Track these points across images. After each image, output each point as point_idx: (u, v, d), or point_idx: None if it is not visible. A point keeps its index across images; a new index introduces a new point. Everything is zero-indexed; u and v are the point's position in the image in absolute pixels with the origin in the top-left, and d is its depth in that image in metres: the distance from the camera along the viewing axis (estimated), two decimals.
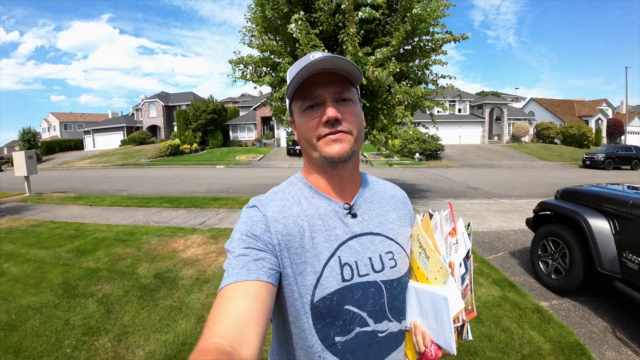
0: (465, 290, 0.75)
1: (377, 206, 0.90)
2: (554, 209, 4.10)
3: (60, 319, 3.43)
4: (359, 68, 0.77)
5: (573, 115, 42.66)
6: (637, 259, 3.03)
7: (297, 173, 0.92)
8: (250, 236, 0.75)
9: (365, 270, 0.80)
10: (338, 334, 0.77)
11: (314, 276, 0.76)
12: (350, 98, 0.79)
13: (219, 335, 0.56)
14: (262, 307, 0.64)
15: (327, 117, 0.74)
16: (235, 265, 0.70)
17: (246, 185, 13.56)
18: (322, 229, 0.80)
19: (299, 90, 0.78)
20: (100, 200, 10.26)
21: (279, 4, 6.32)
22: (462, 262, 0.76)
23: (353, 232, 0.82)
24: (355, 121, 0.79)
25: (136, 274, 4.39)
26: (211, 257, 4.93)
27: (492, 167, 22.91)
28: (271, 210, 0.79)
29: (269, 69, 7.68)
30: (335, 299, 0.76)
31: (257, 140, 36.95)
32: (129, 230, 6.55)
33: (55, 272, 4.62)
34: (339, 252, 0.79)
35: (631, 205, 3.23)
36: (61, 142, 43.11)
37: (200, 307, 3.53)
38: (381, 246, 0.84)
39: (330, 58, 0.73)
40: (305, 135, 0.80)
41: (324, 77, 0.76)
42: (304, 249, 0.77)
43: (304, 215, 0.80)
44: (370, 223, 0.85)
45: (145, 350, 2.87)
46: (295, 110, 0.82)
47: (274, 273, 0.72)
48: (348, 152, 0.78)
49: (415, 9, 5.91)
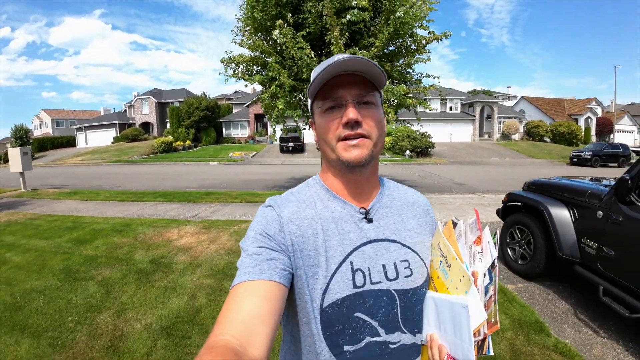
0: (489, 302, 0.72)
1: (395, 212, 0.88)
2: (519, 200, 4.46)
3: (62, 299, 3.72)
4: (383, 72, 0.76)
5: (563, 114, 43.33)
6: (594, 244, 3.34)
7: (315, 175, 0.91)
8: (264, 235, 0.75)
9: (377, 277, 0.78)
10: (347, 343, 0.75)
11: (325, 280, 0.75)
12: (372, 102, 0.79)
13: (228, 333, 0.57)
14: (272, 307, 0.64)
15: (348, 119, 0.74)
16: (248, 264, 0.70)
17: (239, 181, 13.84)
18: (335, 232, 0.79)
19: (321, 90, 0.78)
20: (95, 195, 10.48)
21: (268, 6, 6.63)
22: (486, 272, 0.72)
23: (368, 238, 0.81)
24: (376, 125, 0.78)
25: (133, 260, 4.69)
26: (203, 245, 5.25)
27: (481, 164, 23.40)
28: (286, 211, 0.80)
29: (259, 68, 8.00)
30: (345, 305, 0.75)
31: (250, 137, 37.14)
32: (124, 222, 6.84)
33: (56, 259, 4.90)
34: (351, 257, 0.78)
35: (588, 195, 3.56)
36: (53, 139, 42.93)
37: (192, 287, 3.85)
38: (396, 254, 0.82)
39: (355, 59, 0.72)
40: (324, 136, 0.79)
41: (347, 78, 0.76)
42: (317, 252, 0.76)
43: (319, 217, 0.80)
44: (386, 229, 0.84)
45: (143, 324, 3.19)
46: (316, 111, 0.82)
47: (286, 274, 0.72)
48: (366, 157, 0.77)
49: (399, 12, 6.25)
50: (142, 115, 43.97)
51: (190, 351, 2.78)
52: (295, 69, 6.94)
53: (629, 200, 3.00)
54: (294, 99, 7.65)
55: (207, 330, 3.04)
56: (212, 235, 5.70)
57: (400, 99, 7.19)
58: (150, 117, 43.63)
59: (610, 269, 3.13)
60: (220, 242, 5.37)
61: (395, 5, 6.33)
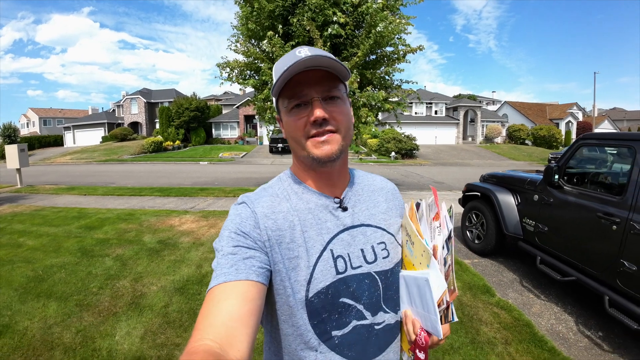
0: (448, 271, 0.76)
1: (367, 198, 0.90)
2: (475, 189, 5.25)
3: (83, 271, 4.33)
4: (345, 66, 0.76)
5: (544, 118, 44.77)
6: (532, 222, 4.11)
7: (287, 170, 0.92)
8: (239, 234, 0.74)
9: (357, 262, 0.80)
10: (334, 328, 0.77)
11: (307, 270, 0.75)
12: (338, 96, 0.78)
13: (208, 337, 0.57)
14: (251, 307, 0.64)
15: (315, 118, 0.74)
16: (224, 265, 0.69)
17: (230, 179, 14.42)
18: (312, 222, 0.80)
19: (285, 88, 0.77)
20: (93, 191, 10.97)
21: (261, 18, 7.36)
22: (444, 244, 0.76)
23: (344, 225, 0.82)
24: (343, 119, 0.79)
25: (142, 241, 5.34)
26: (204, 229, 5.93)
27: (463, 166, 24.36)
28: (260, 207, 0.79)
29: (252, 73, 8.69)
30: (330, 293, 0.76)
31: (240, 138, 37.58)
32: (128, 212, 7.45)
33: (70, 242, 5.49)
34: (331, 245, 0.79)
35: (528, 182, 4.36)
36: (41, 138, 42.62)
37: (198, 260, 4.54)
38: (373, 237, 0.84)
39: (316, 57, 0.72)
40: (293, 135, 0.79)
41: (310, 74, 0.74)
42: (295, 244, 0.77)
43: (294, 210, 0.80)
44: (361, 215, 0.86)
45: (158, 286, 3.86)
46: (282, 109, 0.81)
47: (263, 272, 0.71)
48: (336, 152, 0.77)
49: (379, 27, 7.04)
50: (131, 115, 44.01)
51: (200, 303, 3.45)
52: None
53: (557, 185, 3.78)
54: None
55: None
56: (210, 222, 6.38)
57: (380, 104, 7.98)
58: (140, 117, 43.70)
59: (545, 242, 3.87)
60: (219, 227, 6.04)
61: (376, 21, 7.11)
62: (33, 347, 2.84)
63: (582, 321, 3.32)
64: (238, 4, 8.00)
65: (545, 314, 3.46)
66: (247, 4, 7.65)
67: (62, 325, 3.16)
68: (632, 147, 3.00)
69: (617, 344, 2.96)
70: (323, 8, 7.03)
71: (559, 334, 3.11)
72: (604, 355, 2.81)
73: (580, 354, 2.83)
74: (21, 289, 3.88)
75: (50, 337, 2.98)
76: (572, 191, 3.59)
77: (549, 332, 3.13)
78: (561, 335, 3.11)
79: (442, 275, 0.74)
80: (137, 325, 3.13)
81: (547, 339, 2.98)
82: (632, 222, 2.75)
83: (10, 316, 3.32)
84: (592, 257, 3.19)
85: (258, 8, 7.25)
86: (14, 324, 3.20)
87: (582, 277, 3.26)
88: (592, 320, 3.32)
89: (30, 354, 2.76)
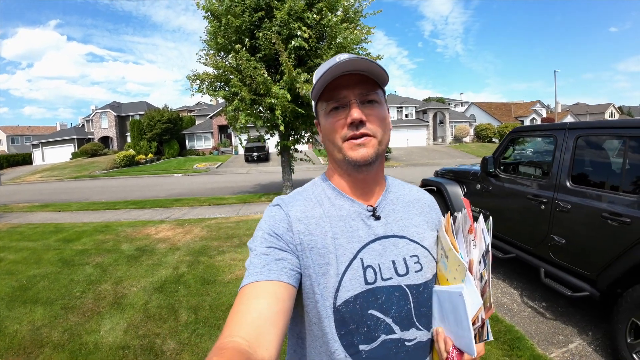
0: (484, 287, 0.73)
1: (402, 209, 0.88)
2: (429, 183, 5.75)
3: (65, 279, 4.56)
4: (384, 69, 0.76)
5: (510, 117, 46.71)
6: (477, 209, 4.59)
7: (322, 174, 0.91)
8: (272, 235, 0.75)
9: (388, 273, 0.78)
10: (362, 342, 0.74)
11: (336, 278, 0.75)
12: (375, 100, 0.79)
13: (237, 335, 0.58)
14: (281, 307, 0.65)
15: (352, 119, 0.74)
16: (256, 264, 0.71)
17: (205, 189, 14.58)
18: (344, 230, 0.79)
19: (324, 92, 0.78)
20: (67, 207, 10.95)
21: (229, 33, 7.73)
22: (481, 259, 0.74)
23: (376, 235, 0.80)
24: (380, 124, 0.79)
25: (120, 250, 5.58)
26: (179, 236, 6.21)
27: (433, 165, 25.19)
28: (294, 210, 0.80)
29: (222, 84, 9.04)
30: (358, 303, 0.74)
31: (215, 149, 37.51)
32: (104, 225, 7.61)
33: (50, 254, 5.66)
34: (361, 254, 0.77)
35: (471, 174, 4.89)
36: (9, 157, 41.27)
37: (175, 262, 4.84)
38: (405, 249, 0.82)
39: (355, 60, 0.73)
40: (330, 137, 0.80)
41: (349, 78, 0.76)
42: (326, 250, 0.76)
43: (326, 216, 0.80)
44: (394, 226, 0.84)
45: (138, 287, 4.14)
46: (321, 112, 0.82)
47: (294, 274, 0.72)
48: (372, 156, 0.77)
49: (339, 39, 7.55)
50: (101, 130, 43.18)
51: (178, 299, 3.77)
52: (254, 85, 8.03)
53: (494, 174, 4.30)
54: (254, 110, 8.72)
55: (190, 288, 4.02)
56: (186, 229, 6.65)
57: None
58: (110, 131, 42.94)
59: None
60: (194, 233, 6.34)
61: (336, 33, 7.62)
62: (24, 347, 3.06)
63: (527, 294, 3.74)
64: (207, 19, 8.35)
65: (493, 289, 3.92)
66: (215, 20, 8.03)
67: (49, 326, 3.40)
68: (553, 136, 3.50)
69: (560, 313, 3.34)
70: (288, 22, 7.49)
71: (503, 305, 3.53)
72: (546, 322, 3.19)
73: (523, 322, 3.22)
74: (7, 298, 4.08)
75: (40, 337, 3.21)
76: (506, 178, 4.12)
77: (494, 304, 3.56)
78: (506, 306, 3.53)
79: (477, 290, 0.71)
80: (120, 321, 3.41)
81: None
82: (557, 200, 3.21)
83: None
84: (527, 234, 3.65)
85: (225, 23, 7.63)
86: (3, 328, 3.41)
87: (520, 253, 3.72)
88: (537, 294, 3.73)
89: (21, 352, 2.97)
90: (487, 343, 3.02)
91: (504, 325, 3.10)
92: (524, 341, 2.82)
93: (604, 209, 2.72)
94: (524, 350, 2.69)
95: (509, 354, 2.68)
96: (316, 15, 7.66)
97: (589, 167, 3.18)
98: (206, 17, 8.48)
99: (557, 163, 3.33)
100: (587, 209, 2.89)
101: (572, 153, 3.20)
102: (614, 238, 2.62)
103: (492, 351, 2.72)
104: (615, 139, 2.97)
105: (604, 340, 2.86)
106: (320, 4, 7.83)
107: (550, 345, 2.84)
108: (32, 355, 2.94)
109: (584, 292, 2.83)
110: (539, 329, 3.09)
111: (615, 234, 2.61)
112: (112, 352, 2.93)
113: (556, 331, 3.05)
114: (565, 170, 3.22)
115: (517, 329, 3.03)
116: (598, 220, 2.75)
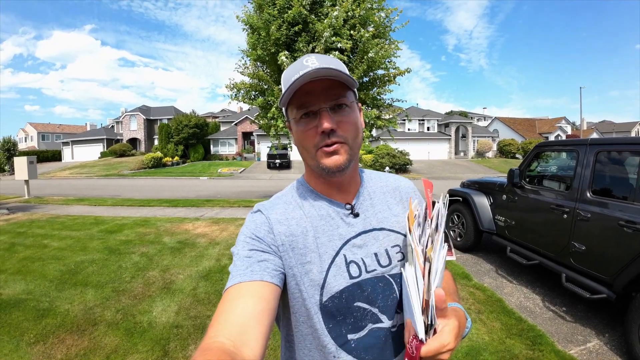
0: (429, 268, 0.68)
1: (379, 202, 0.90)
2: (456, 194, 5.99)
3: (113, 265, 4.91)
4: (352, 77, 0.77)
5: (534, 132, 46.12)
6: (502, 218, 4.84)
7: (300, 177, 0.93)
8: (254, 238, 0.78)
9: (372, 266, 0.81)
10: (350, 332, 0.77)
11: (320, 276, 0.77)
12: (345, 104, 0.78)
13: (222, 335, 0.58)
14: (265, 306, 0.66)
15: (323, 129, 0.74)
16: (239, 267, 0.72)
17: (231, 192, 15.06)
18: (325, 229, 0.81)
19: (293, 98, 0.78)
20: (103, 202, 11.53)
21: (268, 45, 8.22)
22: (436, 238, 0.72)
23: (356, 231, 0.83)
24: (351, 129, 0.79)
25: (163, 242, 6.01)
26: (216, 232, 6.62)
27: (454, 179, 25.15)
28: (274, 213, 0.82)
29: (257, 93, 9.54)
30: (344, 297, 0.77)
31: (238, 154, 38.33)
32: (142, 219, 8.10)
33: (94, 243, 6.07)
34: (343, 251, 0.80)
35: (498, 185, 5.13)
36: (39, 153, 43.01)
37: (216, 255, 5.23)
38: (386, 241, 0.84)
39: (323, 69, 0.73)
40: (303, 144, 0.80)
41: (318, 84, 0.75)
42: (308, 249, 0.79)
43: (306, 217, 0.82)
44: (373, 219, 0.86)
45: (184, 275, 4.51)
46: (291, 118, 0.82)
47: (277, 274, 0.74)
48: (345, 162, 0.78)
49: (371, 53, 7.94)
50: (130, 131, 44.73)
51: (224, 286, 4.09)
52: None
53: (519, 185, 4.54)
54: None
55: None
56: (222, 227, 7.07)
57: (373, 121, 8.82)
58: (138, 133, 44.42)
59: (513, 234, 4.59)
60: (230, 230, 6.75)
61: (368, 48, 8.00)
62: (77, 324, 3.27)
63: (549, 299, 3.92)
64: (246, 31, 8.88)
65: (515, 294, 4.09)
66: (255, 32, 8.54)
67: (101, 306, 3.64)
68: (576, 151, 3.75)
69: (578, 316, 3.52)
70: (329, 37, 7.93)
71: (526, 308, 3.73)
72: (566, 324, 3.39)
73: (544, 323, 3.42)
74: (56, 281, 4.36)
75: (92, 315, 3.44)
76: (531, 189, 4.36)
77: (517, 307, 3.75)
78: (528, 309, 3.72)
79: (420, 271, 0.69)
80: (171, 304, 3.73)
81: (515, 311, 3.60)
82: (578, 210, 3.45)
83: (49, 302, 3.75)
84: (550, 242, 3.88)
85: (265, 36, 8.12)
86: (54, 307, 3.63)
87: (543, 260, 3.95)
88: (558, 299, 3.91)
89: (75, 329, 3.19)
90: (510, 337, 3.30)
91: (527, 325, 3.31)
92: (545, 338, 3.05)
93: (621, 217, 2.98)
94: (545, 346, 2.93)
95: (531, 348, 2.92)
96: (352, 31, 8.05)
97: (607, 180, 3.43)
98: (245, 29, 9.02)
99: (579, 175, 3.58)
100: (606, 218, 3.14)
101: (592, 166, 3.46)
102: (629, 244, 2.87)
103: (516, 345, 2.96)
104: (632, 155, 3.22)
105: (620, 342, 3.06)
106: (353, 20, 8.24)
107: (569, 343, 3.06)
108: (85, 332, 3.15)
109: (602, 294, 3.07)
110: (559, 329, 3.30)
111: (630, 240, 2.87)
112: (167, 330, 3.19)
113: (575, 332, 3.25)
114: (586, 181, 3.48)
115: (539, 328, 3.25)
116: (615, 227, 3.01)
